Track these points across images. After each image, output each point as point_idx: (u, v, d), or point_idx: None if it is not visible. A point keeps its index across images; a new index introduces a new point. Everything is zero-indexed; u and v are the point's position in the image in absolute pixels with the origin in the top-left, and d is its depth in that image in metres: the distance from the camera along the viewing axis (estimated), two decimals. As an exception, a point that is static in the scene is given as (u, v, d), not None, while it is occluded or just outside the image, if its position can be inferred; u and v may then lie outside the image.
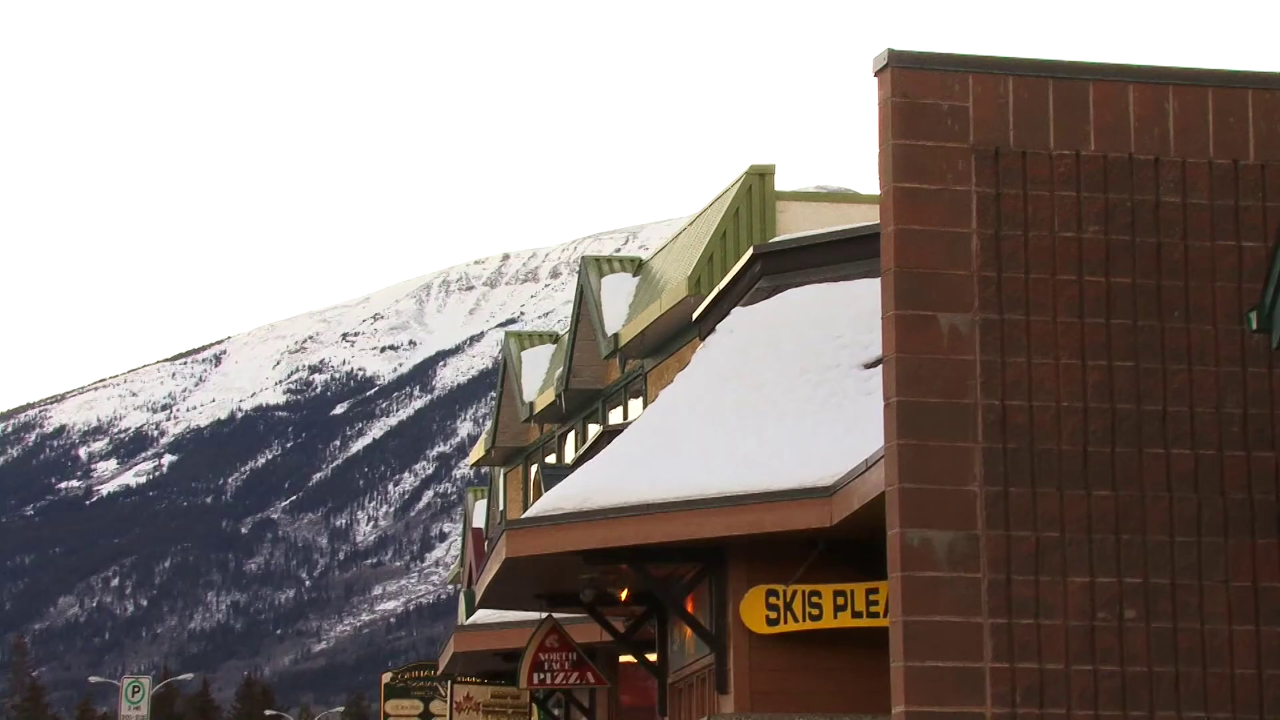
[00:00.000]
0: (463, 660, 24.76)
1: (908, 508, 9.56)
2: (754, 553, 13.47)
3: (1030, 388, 9.12)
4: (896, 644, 9.90)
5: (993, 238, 8.91)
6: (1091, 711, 8.87)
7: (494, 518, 37.88)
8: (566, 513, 13.91)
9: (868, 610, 12.87)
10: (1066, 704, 9.03)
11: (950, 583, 9.63)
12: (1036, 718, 9.20)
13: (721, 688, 13.62)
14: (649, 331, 26.63)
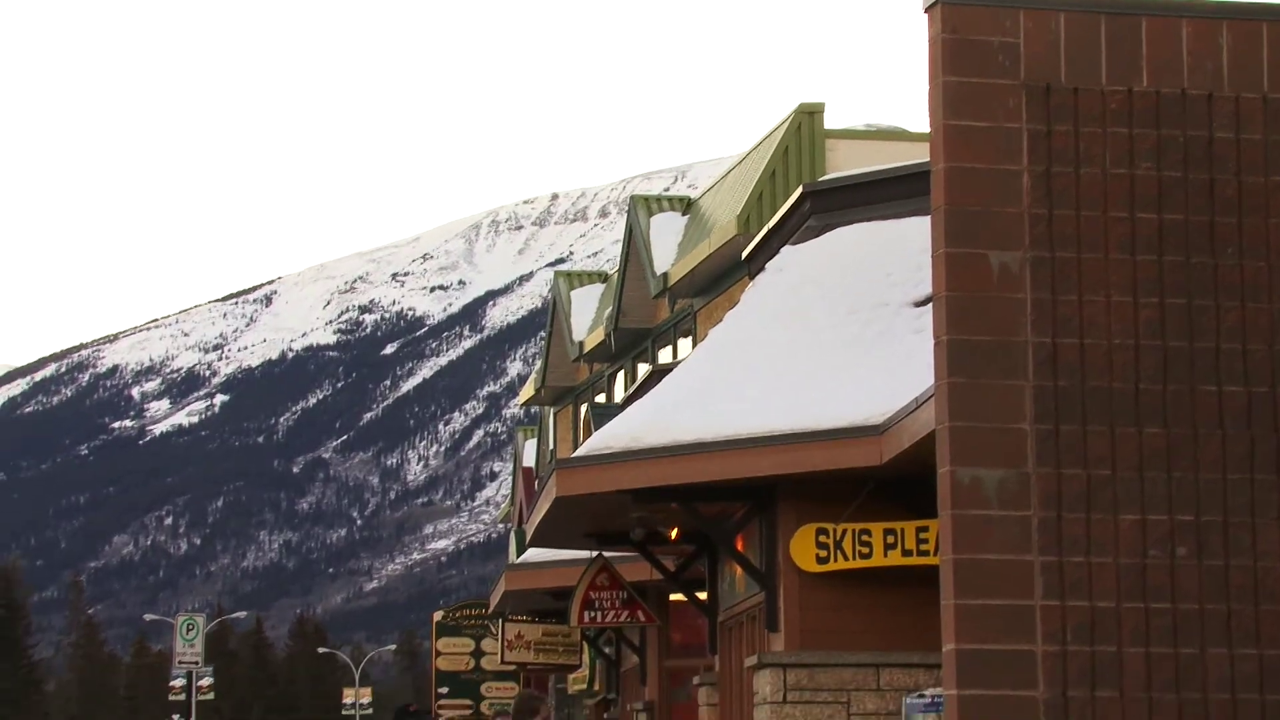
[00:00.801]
0: (514, 599, 24.88)
1: (958, 446, 9.55)
2: (804, 491, 13.48)
3: (1081, 325, 9.07)
4: (946, 582, 9.91)
5: (1044, 175, 8.85)
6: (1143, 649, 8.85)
7: (544, 457, 37.99)
8: (616, 452, 13.93)
9: (918, 548, 12.87)
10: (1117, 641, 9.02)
11: (1001, 521, 9.63)
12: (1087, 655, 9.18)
13: (772, 626, 13.65)
14: (698, 270, 26.59)
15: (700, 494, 13.99)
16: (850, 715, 12.36)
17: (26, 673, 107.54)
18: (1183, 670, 8.44)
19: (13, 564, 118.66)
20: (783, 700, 12.40)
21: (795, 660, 12.61)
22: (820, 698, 12.39)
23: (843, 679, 12.46)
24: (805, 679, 12.45)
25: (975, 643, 9.81)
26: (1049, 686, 9.87)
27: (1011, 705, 9.72)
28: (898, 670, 12.49)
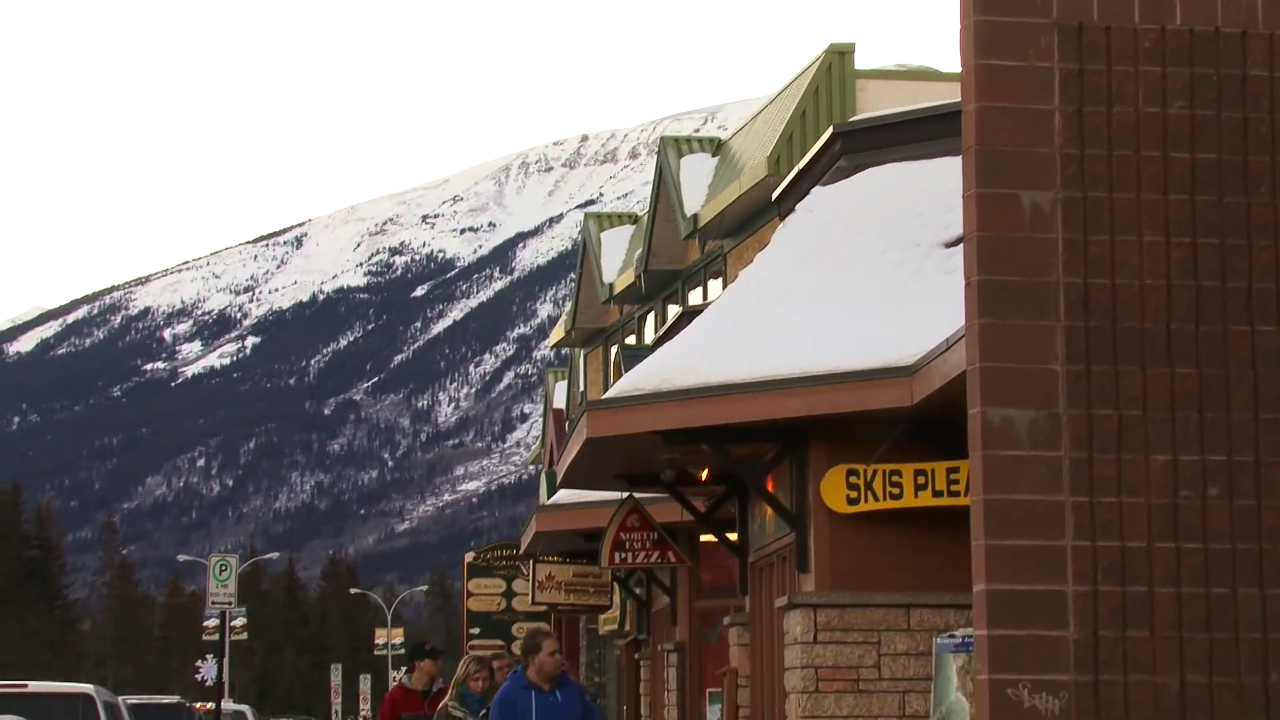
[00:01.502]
0: (544, 540, 24.97)
1: (989, 386, 9.55)
2: (834, 432, 13.48)
3: (1113, 265, 9.05)
4: (977, 522, 9.93)
5: (1076, 114, 8.82)
6: (1174, 589, 8.86)
7: (574, 398, 38.05)
8: (646, 393, 13.95)
9: (948, 489, 12.87)
10: (1148, 581, 9.03)
11: (1031, 461, 9.63)
12: (1118, 595, 9.20)
13: (802, 566, 13.68)
14: (728, 212, 26.54)
15: (731, 435, 14.00)
16: (881, 655, 12.40)
17: (62, 612, 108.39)
18: (1214, 610, 8.45)
19: (47, 505, 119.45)
20: (813, 640, 12.43)
21: (826, 601, 12.64)
22: (851, 638, 12.42)
23: (873, 619, 12.49)
24: (836, 619, 12.49)
25: (1006, 583, 9.82)
26: (1079, 626, 9.88)
27: (1042, 645, 9.74)
28: (928, 610, 12.52)
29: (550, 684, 12.26)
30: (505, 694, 12.41)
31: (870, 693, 12.33)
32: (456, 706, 13.27)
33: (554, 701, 12.20)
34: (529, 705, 12.18)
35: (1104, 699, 9.41)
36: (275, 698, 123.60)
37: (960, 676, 11.65)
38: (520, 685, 12.35)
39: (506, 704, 12.29)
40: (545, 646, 12.36)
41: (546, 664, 12.24)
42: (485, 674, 13.38)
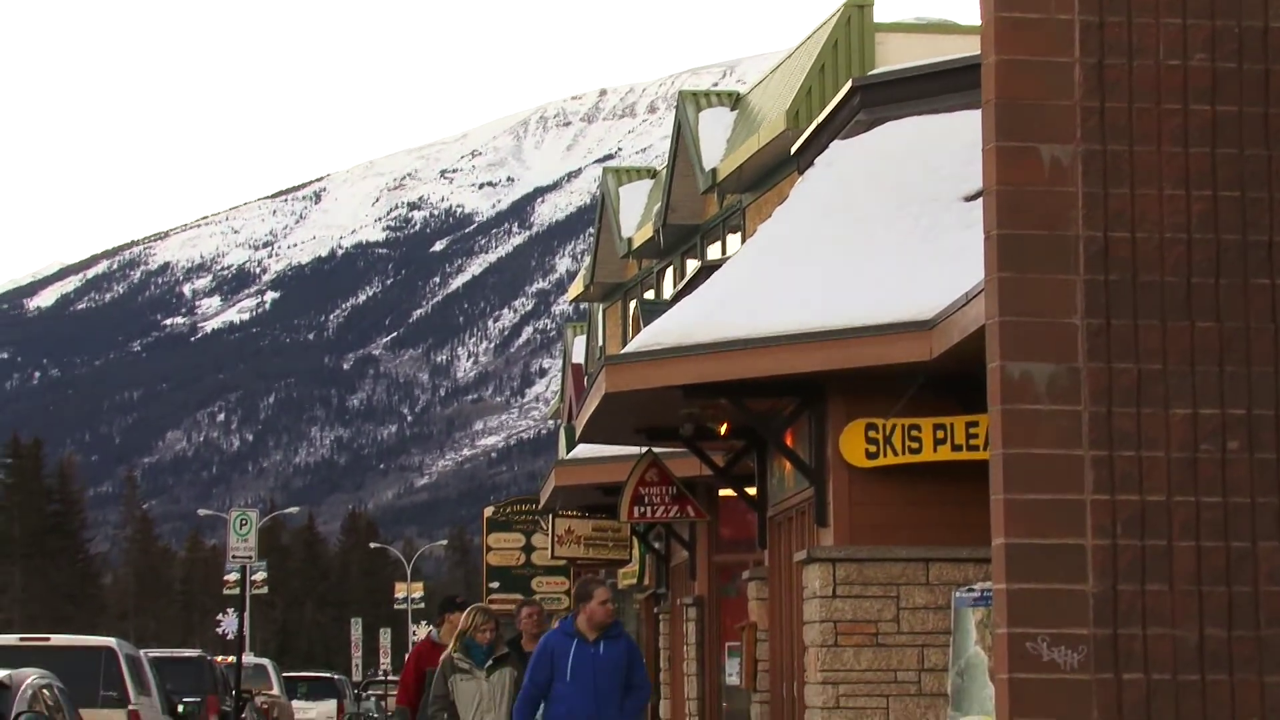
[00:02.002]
0: (563, 494, 25.01)
1: (1008, 340, 9.54)
2: (853, 387, 13.47)
3: (1133, 219, 9.02)
4: (996, 477, 9.93)
5: (1096, 67, 8.78)
6: (1193, 542, 8.85)
7: (593, 353, 38.07)
8: (665, 348, 13.94)
9: (967, 443, 12.87)
10: (1168, 535, 9.02)
11: (1051, 415, 9.62)
12: (1137, 549, 9.20)
13: (821, 521, 13.69)
14: (747, 166, 26.49)
15: (749, 390, 14.00)
16: (900, 609, 12.42)
17: (83, 566, 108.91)
18: (1233, 563, 8.44)
19: (68, 459, 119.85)
20: (832, 595, 12.45)
21: (844, 555, 12.66)
22: (870, 592, 12.44)
23: (892, 573, 12.51)
24: (854, 573, 12.50)
25: (1025, 537, 9.82)
26: (1098, 580, 9.88)
27: (1061, 599, 9.74)
28: (947, 565, 12.53)
29: (597, 634, 11.88)
30: (546, 640, 12.08)
31: (889, 646, 12.35)
32: (462, 658, 12.92)
33: (594, 653, 11.84)
34: (566, 654, 11.84)
35: (1123, 652, 9.42)
36: (296, 651, 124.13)
37: (979, 630, 11.67)
38: (564, 633, 12.01)
39: (544, 650, 11.96)
40: (597, 595, 11.98)
41: (597, 613, 11.90)
42: (491, 625, 12.98)
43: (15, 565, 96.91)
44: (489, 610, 13.22)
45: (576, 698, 11.75)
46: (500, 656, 12.91)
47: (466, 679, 12.76)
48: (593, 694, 11.75)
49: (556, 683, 11.83)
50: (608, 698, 11.81)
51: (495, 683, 12.76)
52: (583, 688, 11.76)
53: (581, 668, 11.78)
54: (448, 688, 12.79)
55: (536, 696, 11.95)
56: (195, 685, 23.96)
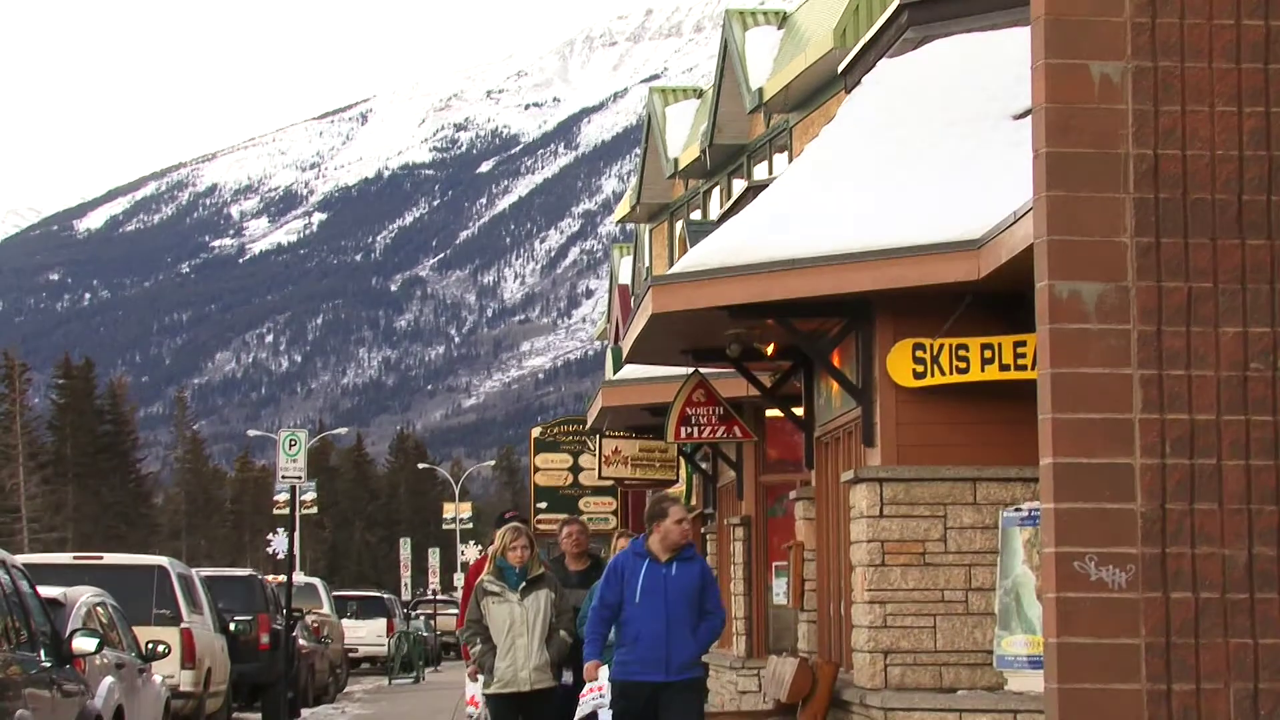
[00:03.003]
0: (610, 415, 25.06)
1: (1057, 260, 9.49)
2: (901, 307, 13.43)
3: (1184, 136, 8.93)
4: (1044, 396, 9.89)
5: (1148, -18, 8.68)
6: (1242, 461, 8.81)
7: (639, 274, 38.04)
8: (712, 268, 13.92)
9: (1015, 363, 12.82)
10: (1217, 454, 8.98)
11: (1099, 335, 9.57)
12: (1186, 468, 9.16)
13: (868, 441, 13.69)
14: (794, 85, 26.34)
15: (796, 310, 13.96)
16: (947, 529, 12.41)
17: (135, 486, 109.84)
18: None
19: (119, 380, 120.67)
20: (879, 514, 12.46)
21: (892, 475, 12.65)
22: (917, 512, 12.44)
23: (939, 493, 12.50)
24: (902, 493, 12.50)
25: (1073, 456, 9.80)
26: (1147, 499, 9.87)
27: (1109, 518, 9.73)
28: (994, 484, 12.51)
29: (670, 555, 11.25)
30: (617, 560, 11.43)
31: (936, 566, 12.36)
32: (493, 581, 12.16)
33: (666, 574, 11.21)
34: (636, 574, 11.22)
35: (1171, 571, 9.41)
36: (345, 571, 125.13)
37: (1026, 550, 11.68)
38: (635, 553, 11.37)
39: (615, 570, 11.32)
40: (672, 514, 11.36)
41: (672, 533, 11.27)
42: (524, 544, 12.16)
43: (68, 485, 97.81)
44: (522, 528, 12.40)
45: (646, 621, 11.16)
46: (535, 578, 12.25)
47: (499, 602, 12.13)
48: (663, 618, 11.13)
49: (626, 605, 11.21)
50: (679, 622, 11.18)
51: (529, 606, 12.15)
52: (653, 611, 11.15)
53: (652, 590, 11.19)
54: (480, 611, 12.18)
55: (608, 618, 11.32)
56: (246, 604, 24.17)
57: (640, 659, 11.12)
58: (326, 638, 31.80)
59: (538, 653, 12.13)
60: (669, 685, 11.14)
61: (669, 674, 11.13)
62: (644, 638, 11.13)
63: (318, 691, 29.56)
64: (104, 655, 13.18)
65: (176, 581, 19.19)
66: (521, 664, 12.07)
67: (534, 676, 12.13)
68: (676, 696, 11.14)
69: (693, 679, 11.36)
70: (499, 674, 12.09)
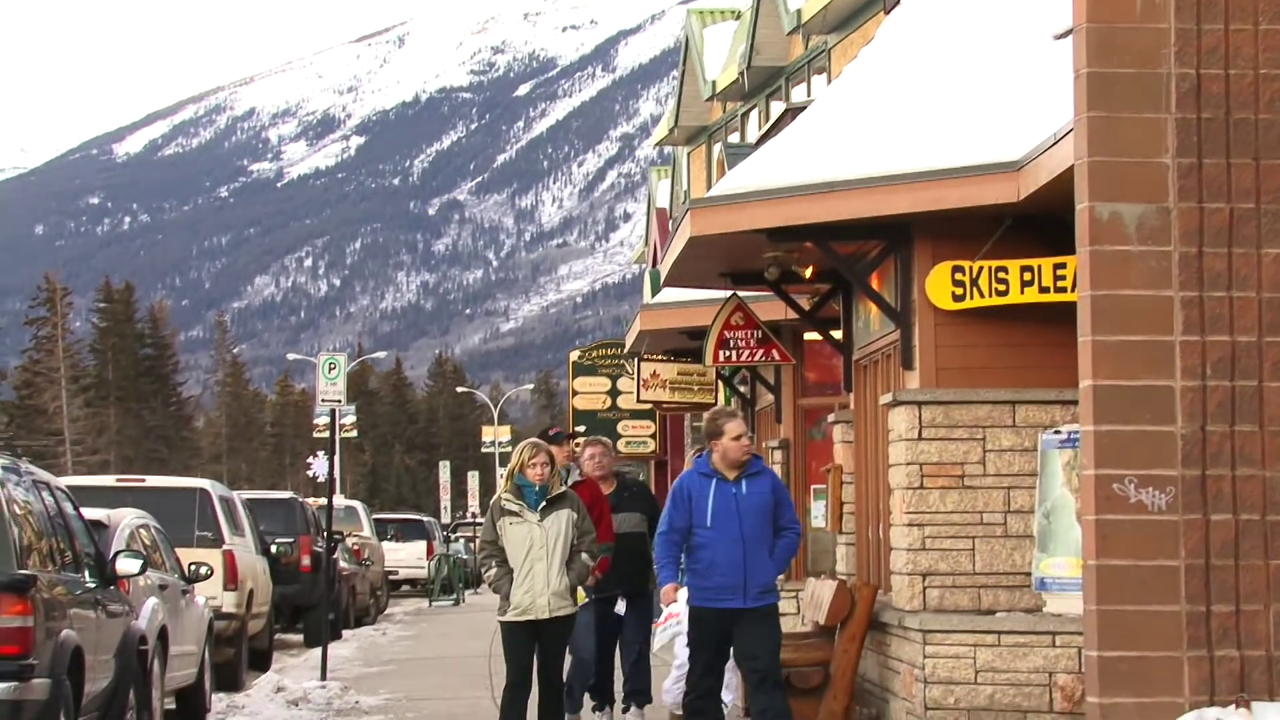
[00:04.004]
0: (649, 338, 25.06)
1: (1097, 181, 9.43)
2: (940, 229, 13.38)
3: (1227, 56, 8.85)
4: (1084, 318, 9.85)
5: (1191, -101, 8.59)
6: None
7: (677, 197, 37.96)
8: (750, 191, 13.87)
9: (1055, 285, 12.77)
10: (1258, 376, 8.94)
11: (1140, 256, 9.52)
12: (1227, 390, 9.13)
13: (907, 364, 13.67)
14: (832, 6, 26.17)
15: (835, 233, 13.92)
16: (986, 452, 12.39)
17: (176, 409, 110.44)
18: (1323, 406, 8.36)
19: (159, 304, 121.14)
20: (918, 437, 12.44)
21: (931, 398, 12.63)
22: (956, 434, 12.42)
23: (978, 416, 12.48)
24: (941, 416, 12.47)
25: (1113, 378, 9.78)
26: (1187, 421, 9.85)
27: (1149, 440, 9.72)
28: (1034, 407, 12.48)
29: (737, 472, 10.65)
30: (682, 482, 10.76)
31: (975, 489, 12.35)
32: (511, 499, 11.35)
33: (736, 493, 10.62)
34: (706, 495, 10.61)
35: (1211, 493, 9.39)
36: (385, 494, 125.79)
37: (1066, 472, 11.66)
38: (700, 472, 10.73)
39: (681, 493, 10.66)
40: (729, 429, 10.67)
41: (732, 450, 10.64)
42: (544, 459, 11.33)
43: (110, 408, 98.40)
44: (541, 444, 11.60)
45: (721, 544, 10.53)
46: (556, 497, 11.41)
47: (516, 522, 11.31)
48: (739, 540, 10.51)
49: (697, 529, 10.58)
50: (755, 543, 10.56)
51: (549, 527, 11.31)
52: (728, 533, 10.53)
53: (724, 511, 10.56)
54: (496, 532, 11.38)
55: (678, 543, 10.67)
56: (287, 527, 24.33)
57: (717, 585, 10.53)
58: (367, 560, 31.99)
59: (557, 577, 11.26)
60: (747, 612, 10.58)
61: (747, 600, 10.55)
62: (720, 563, 10.52)
63: (359, 613, 29.78)
64: (147, 577, 13.29)
65: (218, 504, 19.31)
66: (540, 589, 11.24)
67: (553, 603, 11.27)
68: (756, 624, 10.59)
69: (772, 604, 10.73)
70: (515, 601, 11.26)
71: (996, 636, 11.56)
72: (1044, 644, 11.43)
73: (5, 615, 9.15)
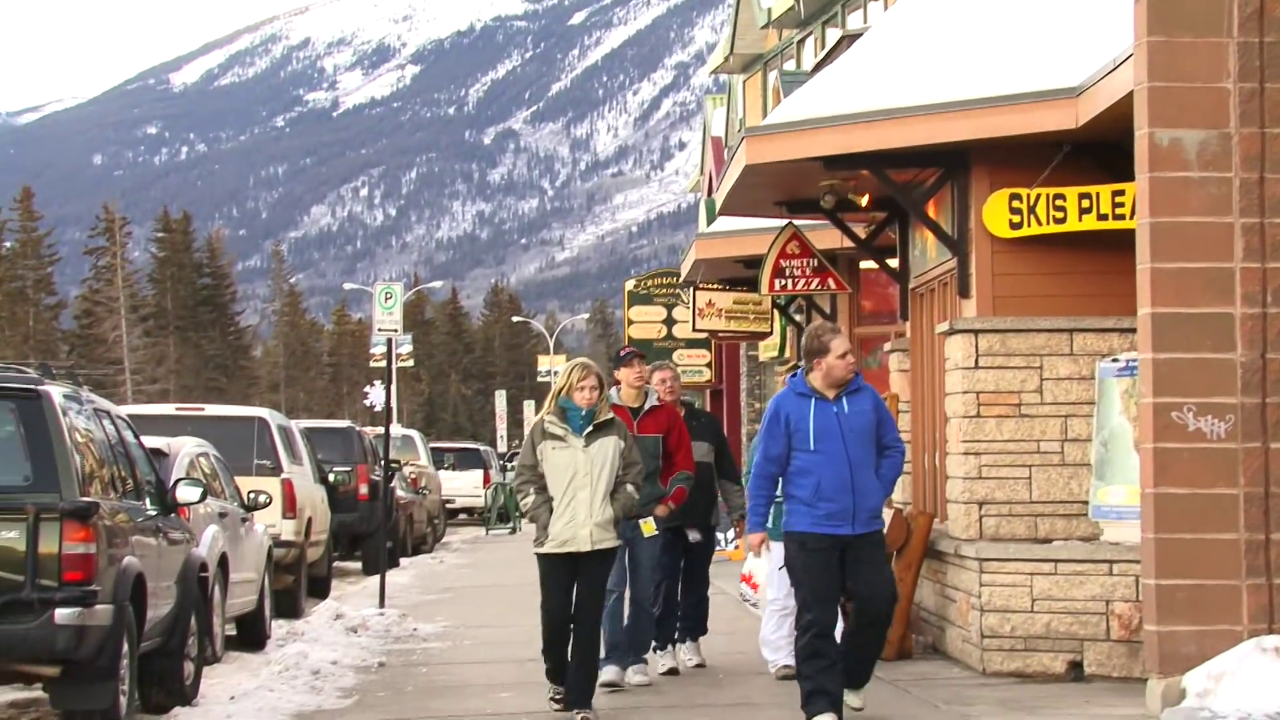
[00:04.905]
0: (704, 267, 25.04)
1: (1157, 106, 9.35)
2: (997, 156, 13.30)
3: (1291, -21, 8.73)
4: (1143, 245, 9.79)
5: None
6: (1344, 312, 8.67)
7: (733, 125, 37.81)
8: (806, 119, 13.81)
9: (1113, 212, 12.68)
10: (1318, 304, 8.85)
11: (1200, 183, 9.44)
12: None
13: (963, 292, 13.61)
14: (890, -69, 25.95)
15: (891, 160, 13.86)
16: (1043, 380, 12.35)
17: (234, 339, 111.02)
18: (1385, 333, 8.30)
19: (216, 234, 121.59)
20: (974, 366, 12.40)
21: (987, 326, 12.58)
22: (1013, 363, 12.37)
23: (1035, 344, 12.42)
24: (997, 344, 12.43)
25: (1172, 306, 9.73)
26: (1247, 348, 9.79)
27: (1208, 368, 9.69)
28: (1091, 335, 12.42)
29: (837, 390, 9.88)
30: (778, 402, 9.97)
31: (1032, 417, 12.31)
32: (555, 422, 10.53)
33: (838, 412, 9.82)
34: (805, 415, 9.83)
35: (1271, 421, 9.33)
36: (441, 423, 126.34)
37: (1124, 400, 11.61)
38: (797, 392, 9.95)
39: (776, 417, 9.89)
40: (834, 346, 9.91)
41: (836, 369, 9.90)
42: (594, 382, 10.54)
43: (169, 337, 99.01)
44: (591, 365, 10.79)
45: (826, 468, 9.74)
46: (603, 423, 10.56)
47: (559, 447, 10.49)
48: (845, 462, 9.74)
49: (797, 453, 9.79)
50: (862, 466, 9.78)
51: (594, 454, 10.49)
52: (833, 456, 9.75)
53: (827, 432, 9.77)
54: (536, 456, 10.57)
55: (775, 474, 9.91)
56: (345, 455, 24.45)
57: (826, 512, 9.74)
58: (424, 489, 32.17)
59: (601, 507, 10.45)
60: (857, 540, 9.79)
61: (856, 526, 9.76)
62: (825, 487, 9.73)
63: (416, 541, 29.97)
64: (207, 504, 13.40)
65: (276, 433, 19.42)
66: (582, 520, 10.44)
67: (596, 534, 10.45)
68: (867, 556, 9.83)
69: (880, 531, 10.00)
70: (555, 533, 10.44)
71: (1053, 565, 11.55)
72: (1101, 572, 11.42)
73: (69, 542, 9.24)
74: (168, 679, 11.20)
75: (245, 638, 15.24)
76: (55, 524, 9.24)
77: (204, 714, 10.99)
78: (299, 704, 11.37)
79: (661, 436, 11.74)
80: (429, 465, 36.06)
